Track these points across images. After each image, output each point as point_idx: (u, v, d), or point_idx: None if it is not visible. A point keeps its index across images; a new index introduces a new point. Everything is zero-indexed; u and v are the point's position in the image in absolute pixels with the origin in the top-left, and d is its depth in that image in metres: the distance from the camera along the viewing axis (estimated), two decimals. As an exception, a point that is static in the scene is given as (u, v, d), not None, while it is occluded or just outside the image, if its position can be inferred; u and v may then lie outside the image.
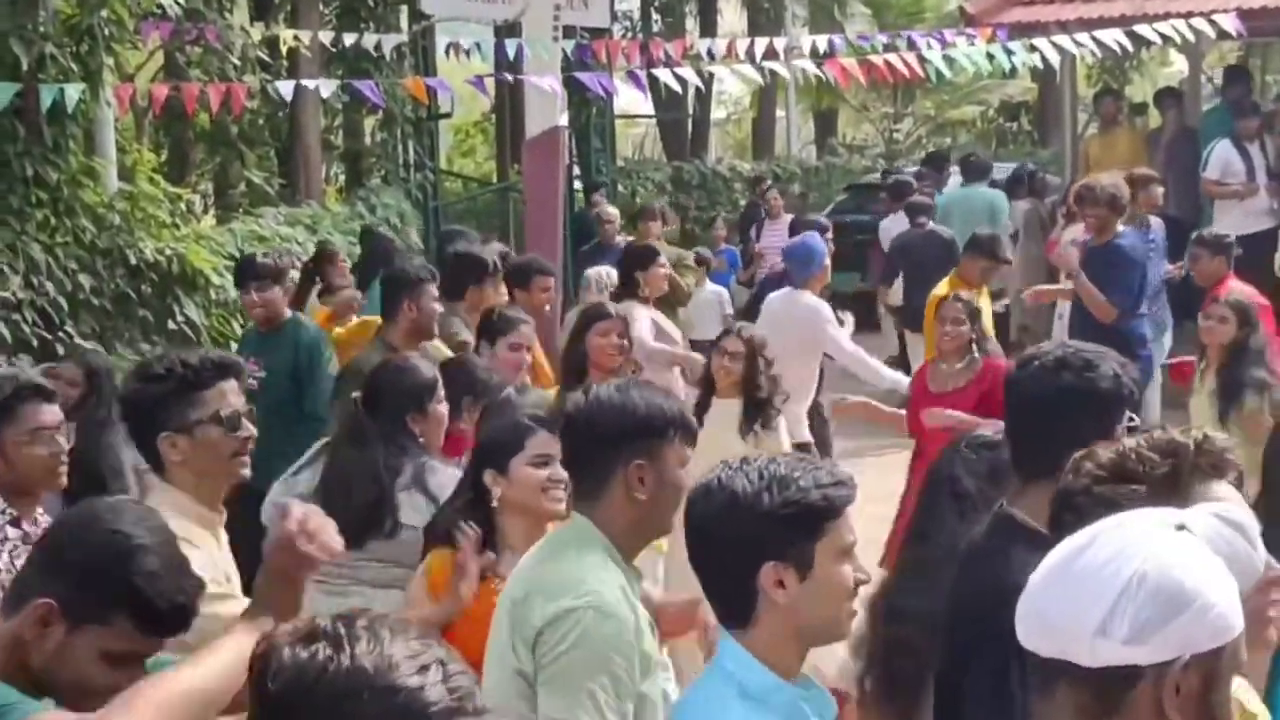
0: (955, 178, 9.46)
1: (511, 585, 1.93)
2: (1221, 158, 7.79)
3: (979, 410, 3.63)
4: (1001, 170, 9.70)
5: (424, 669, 1.07)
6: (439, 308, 3.95)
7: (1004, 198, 8.58)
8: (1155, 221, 6.44)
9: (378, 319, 4.39)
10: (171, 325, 6.30)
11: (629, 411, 1.77)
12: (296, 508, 1.66)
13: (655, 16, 11.99)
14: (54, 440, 2.49)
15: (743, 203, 10.93)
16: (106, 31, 6.14)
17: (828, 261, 5.34)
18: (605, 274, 5.84)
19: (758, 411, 3.84)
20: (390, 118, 9.09)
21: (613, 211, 8.05)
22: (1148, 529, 1.02)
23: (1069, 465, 1.53)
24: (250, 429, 2.16)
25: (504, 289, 4.61)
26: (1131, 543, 0.99)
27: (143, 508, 1.72)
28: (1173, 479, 1.37)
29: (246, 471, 2.19)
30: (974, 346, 4.13)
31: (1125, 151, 8.81)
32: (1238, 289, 4.62)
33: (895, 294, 7.67)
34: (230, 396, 2.13)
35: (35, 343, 5.59)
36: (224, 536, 2.22)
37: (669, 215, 6.81)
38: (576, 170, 10.25)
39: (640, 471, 1.74)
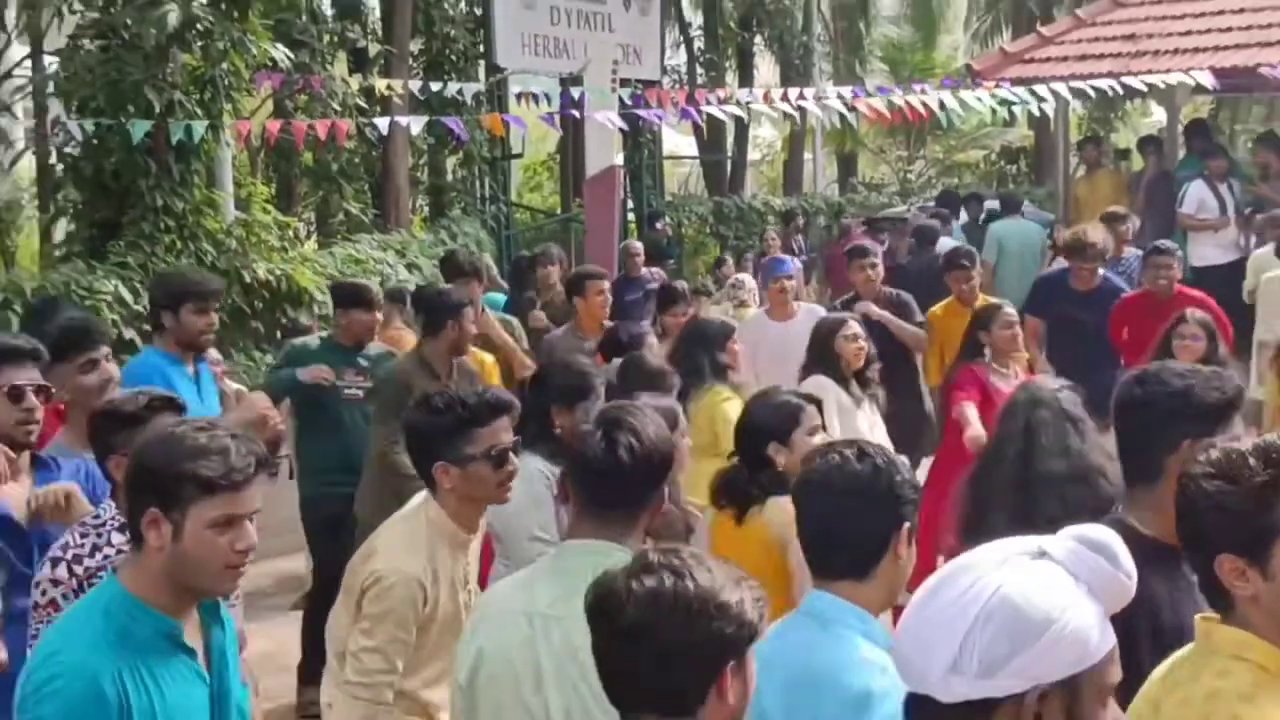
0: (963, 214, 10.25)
1: None
2: (1196, 196, 8.41)
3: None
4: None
5: (738, 586, 1.24)
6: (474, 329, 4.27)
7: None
8: (1130, 251, 6.73)
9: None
10: (279, 335, 6.82)
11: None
12: None
13: (700, 70, 13.22)
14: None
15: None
16: (226, 81, 6.92)
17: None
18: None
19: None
20: (469, 157, 10.12)
21: (638, 245, 8.21)
22: (1003, 559, 1.01)
23: (1188, 452, 1.58)
24: (515, 463, 2.27)
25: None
26: (983, 577, 0.99)
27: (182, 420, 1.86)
28: (1272, 487, 1.30)
29: (509, 497, 2.33)
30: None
31: (1108, 192, 9.57)
32: (1198, 307, 4.59)
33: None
34: (502, 434, 2.23)
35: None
36: (475, 549, 2.41)
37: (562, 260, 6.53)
38: (630, 204, 10.93)
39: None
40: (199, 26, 6.58)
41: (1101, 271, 5.58)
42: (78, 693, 1.53)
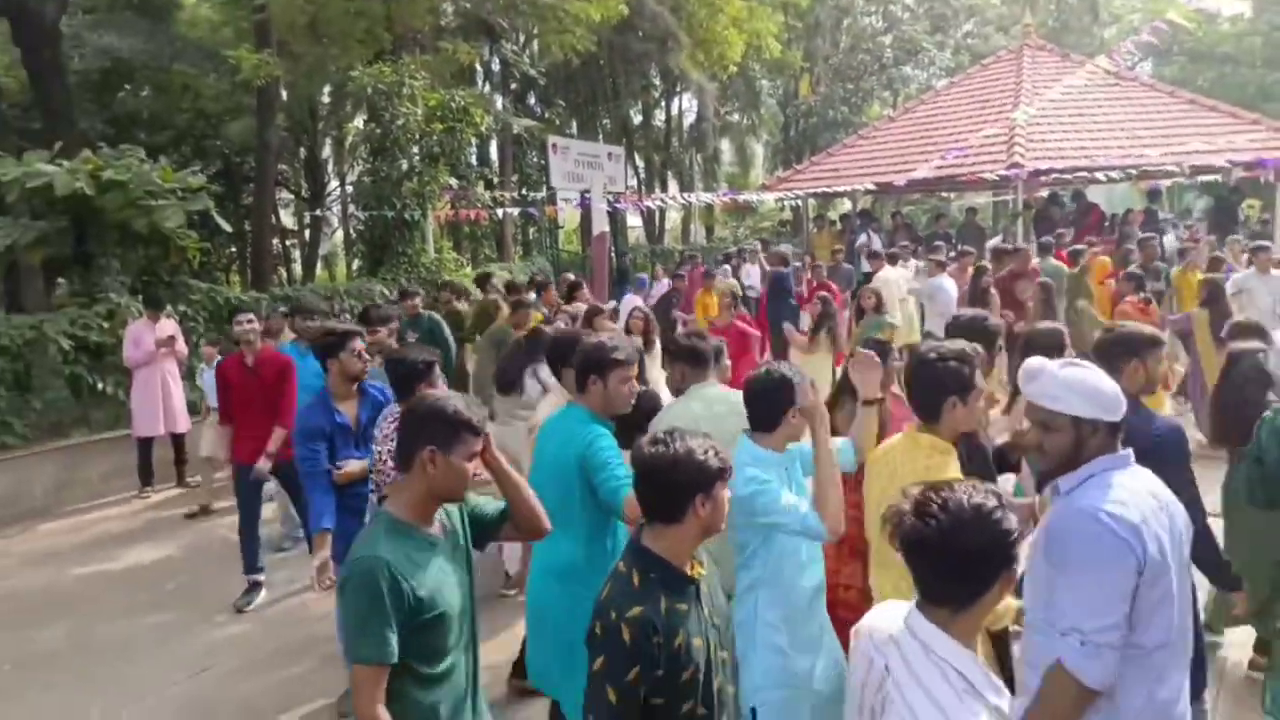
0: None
1: None
2: (864, 240, 20.56)
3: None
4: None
5: (705, 451, 2.18)
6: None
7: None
8: (846, 267, 19.21)
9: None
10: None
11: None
12: None
13: (642, 185, 24.96)
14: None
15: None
16: (427, 191, 14.41)
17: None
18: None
19: None
20: (540, 226, 21.20)
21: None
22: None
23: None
24: None
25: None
26: None
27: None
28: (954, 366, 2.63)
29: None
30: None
31: (828, 241, 16.74)
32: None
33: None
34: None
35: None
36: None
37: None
38: (612, 249, 22.38)
39: None
40: (416, 169, 13.91)
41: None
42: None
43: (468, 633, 2.50)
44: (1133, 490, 2.27)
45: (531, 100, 23.73)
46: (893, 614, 1.98)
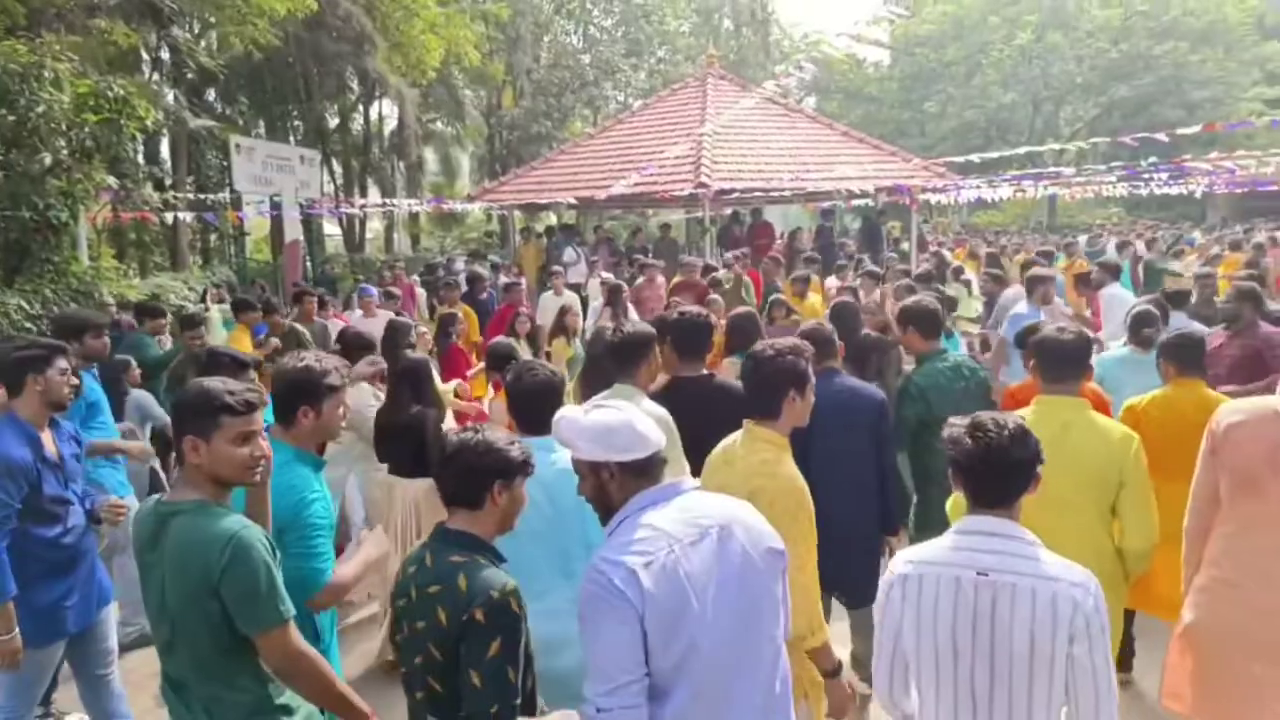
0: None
1: None
2: (570, 252, 21.25)
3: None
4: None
5: (510, 443, 2.32)
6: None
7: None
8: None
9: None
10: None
11: None
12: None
13: (341, 191, 23.66)
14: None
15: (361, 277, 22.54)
16: (78, 190, 11.22)
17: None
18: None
19: None
20: (222, 233, 19.44)
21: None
22: None
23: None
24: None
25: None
26: None
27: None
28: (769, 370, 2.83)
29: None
30: None
31: (534, 254, 16.60)
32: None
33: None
34: None
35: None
36: None
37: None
38: (307, 257, 20.91)
39: None
40: (64, 165, 11.02)
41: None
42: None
43: None
44: (657, 527, 2.07)
45: (211, 96, 21.73)
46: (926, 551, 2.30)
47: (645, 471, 2.17)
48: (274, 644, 2.35)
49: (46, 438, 3.56)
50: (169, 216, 16.81)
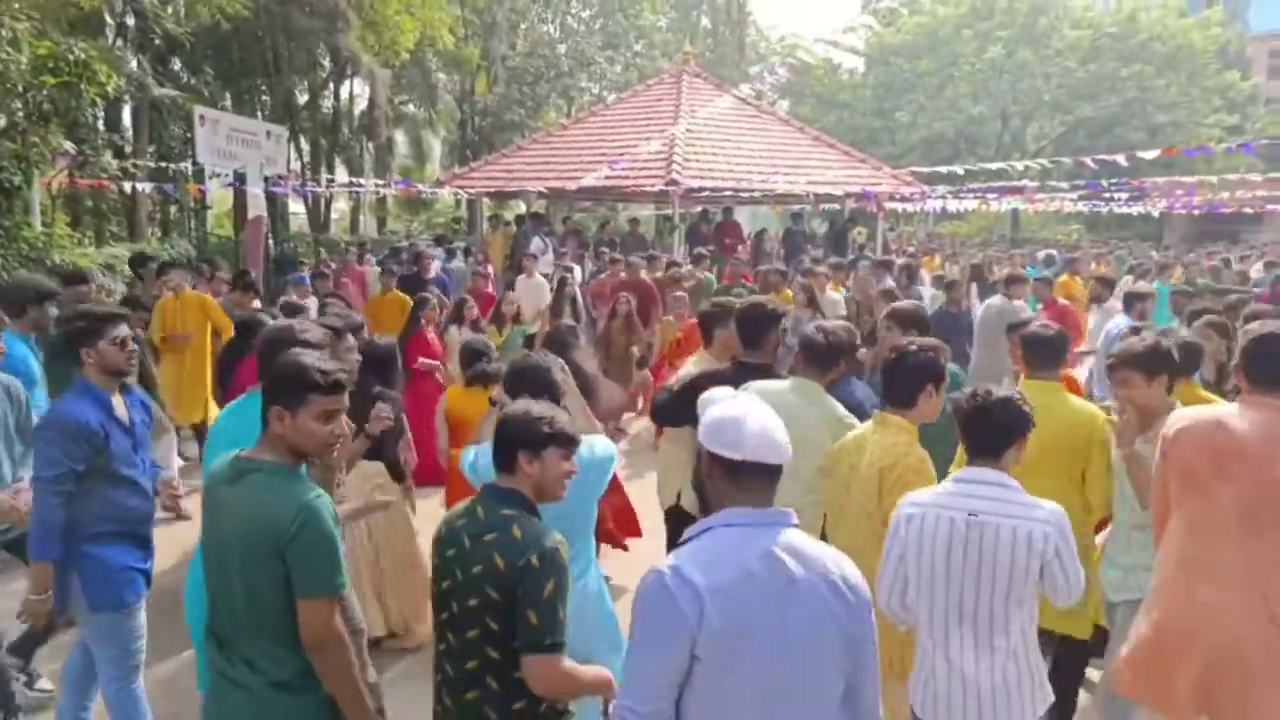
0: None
1: None
2: (536, 241, 21.13)
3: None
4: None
5: (546, 418, 2.49)
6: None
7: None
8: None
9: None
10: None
11: None
12: None
13: (307, 169, 23.25)
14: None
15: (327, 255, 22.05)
16: (33, 154, 10.99)
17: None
18: None
19: None
20: (182, 205, 18.99)
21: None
22: None
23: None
24: None
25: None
26: None
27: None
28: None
29: None
30: None
31: (502, 242, 16.25)
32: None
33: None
34: None
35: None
36: None
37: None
38: (270, 235, 20.55)
39: None
40: (19, 127, 10.74)
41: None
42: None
43: None
44: (743, 560, 1.91)
45: (176, 65, 21.20)
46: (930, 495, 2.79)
47: (739, 478, 1.95)
48: (317, 612, 2.38)
49: (118, 401, 3.63)
50: (128, 186, 16.42)
